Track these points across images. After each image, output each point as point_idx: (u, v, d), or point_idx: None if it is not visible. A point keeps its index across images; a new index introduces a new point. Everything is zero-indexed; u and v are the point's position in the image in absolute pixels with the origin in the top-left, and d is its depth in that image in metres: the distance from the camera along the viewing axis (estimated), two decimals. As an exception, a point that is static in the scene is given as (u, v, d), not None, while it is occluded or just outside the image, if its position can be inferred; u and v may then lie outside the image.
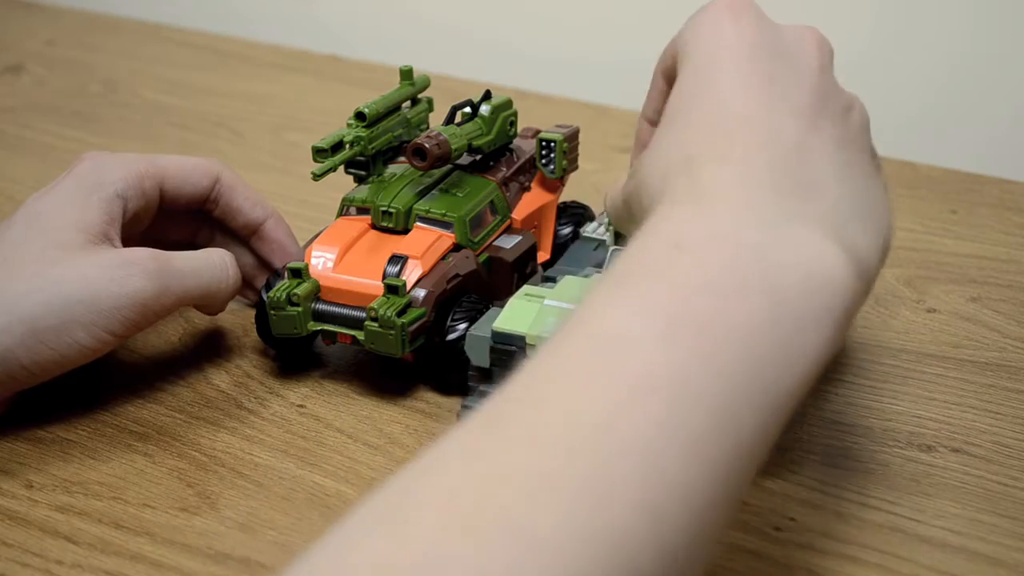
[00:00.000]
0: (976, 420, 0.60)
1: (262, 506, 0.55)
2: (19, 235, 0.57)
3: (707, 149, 0.44)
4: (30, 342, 0.55)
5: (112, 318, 0.56)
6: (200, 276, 0.60)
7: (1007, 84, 0.98)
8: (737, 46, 0.47)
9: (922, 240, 0.78)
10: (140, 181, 0.61)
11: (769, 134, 0.44)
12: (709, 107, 0.46)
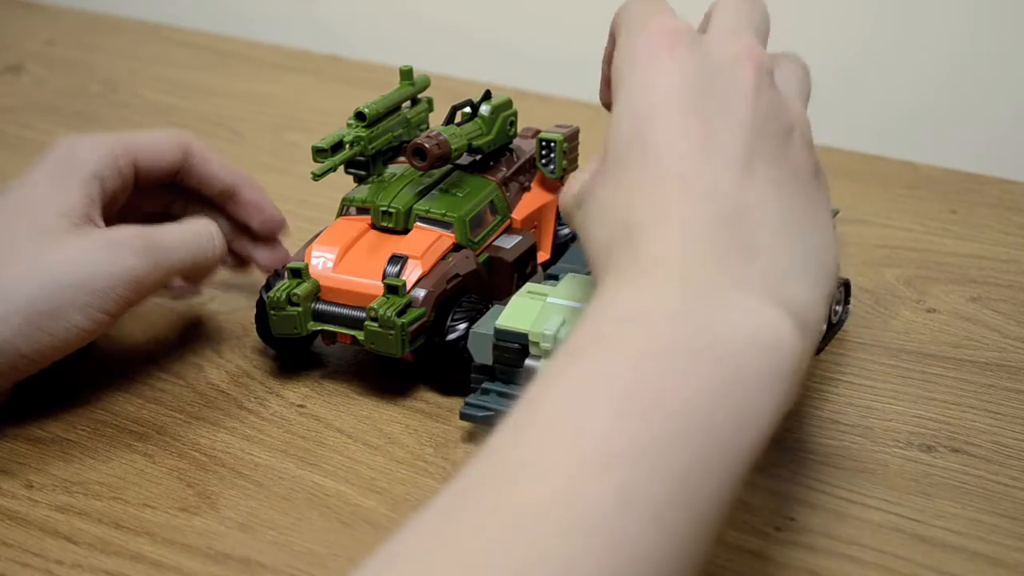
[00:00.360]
0: (976, 420, 0.60)
1: (262, 506, 0.55)
2: (3, 224, 0.58)
3: (647, 217, 0.44)
4: (28, 330, 0.55)
5: (106, 298, 0.57)
6: (188, 247, 0.61)
7: (1007, 84, 0.98)
8: (672, 90, 0.46)
9: (922, 240, 0.78)
10: (114, 161, 0.62)
11: (705, 194, 0.44)
12: (645, 165, 0.46)
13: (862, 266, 0.74)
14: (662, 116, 0.46)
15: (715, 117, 0.46)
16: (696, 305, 0.42)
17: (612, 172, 0.47)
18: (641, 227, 0.44)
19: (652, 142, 0.46)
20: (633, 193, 0.45)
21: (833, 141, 0.92)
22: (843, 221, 0.72)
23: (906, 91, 1.01)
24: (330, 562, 0.51)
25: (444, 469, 0.57)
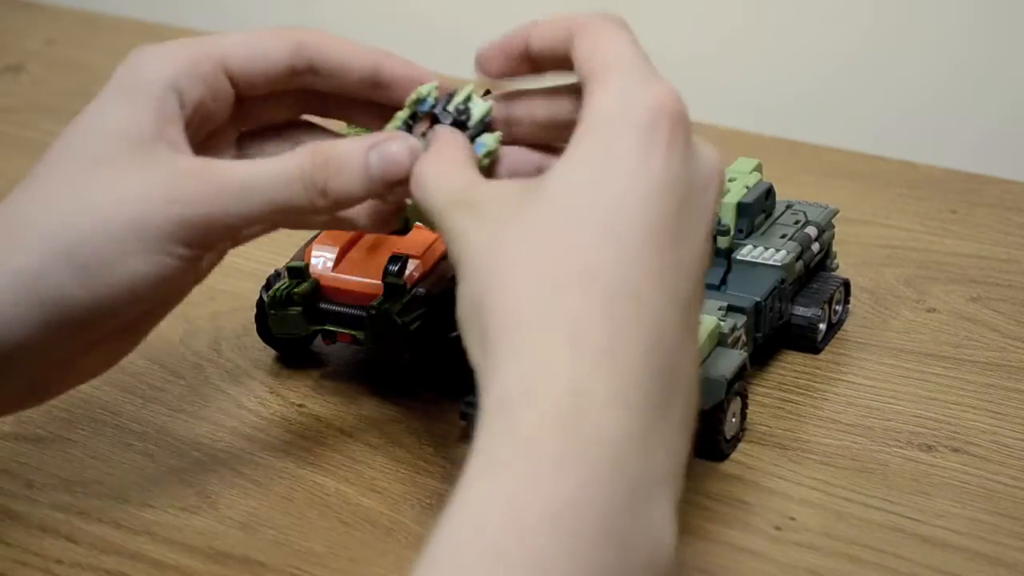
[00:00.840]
0: (976, 420, 0.60)
1: (262, 506, 0.55)
2: (54, 154, 0.50)
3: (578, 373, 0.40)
4: (82, 277, 0.47)
5: (164, 240, 0.47)
6: (265, 190, 0.48)
7: (1007, 84, 0.98)
8: (646, 216, 0.42)
9: (922, 240, 0.78)
10: (194, 66, 0.51)
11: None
12: (581, 292, 0.41)
13: (862, 266, 0.74)
14: (630, 243, 0.42)
15: (676, 260, 0.42)
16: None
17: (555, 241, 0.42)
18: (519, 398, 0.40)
19: (597, 269, 0.41)
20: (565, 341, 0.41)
21: (833, 141, 0.92)
22: (843, 221, 0.72)
23: (906, 91, 1.01)
24: (330, 561, 0.51)
25: (444, 469, 0.57)
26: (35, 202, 0.49)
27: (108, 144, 0.49)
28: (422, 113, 0.51)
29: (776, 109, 1.04)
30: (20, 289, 0.47)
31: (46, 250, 0.47)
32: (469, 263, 0.43)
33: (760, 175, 0.67)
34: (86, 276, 0.47)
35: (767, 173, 0.68)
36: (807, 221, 0.66)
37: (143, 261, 0.47)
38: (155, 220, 0.47)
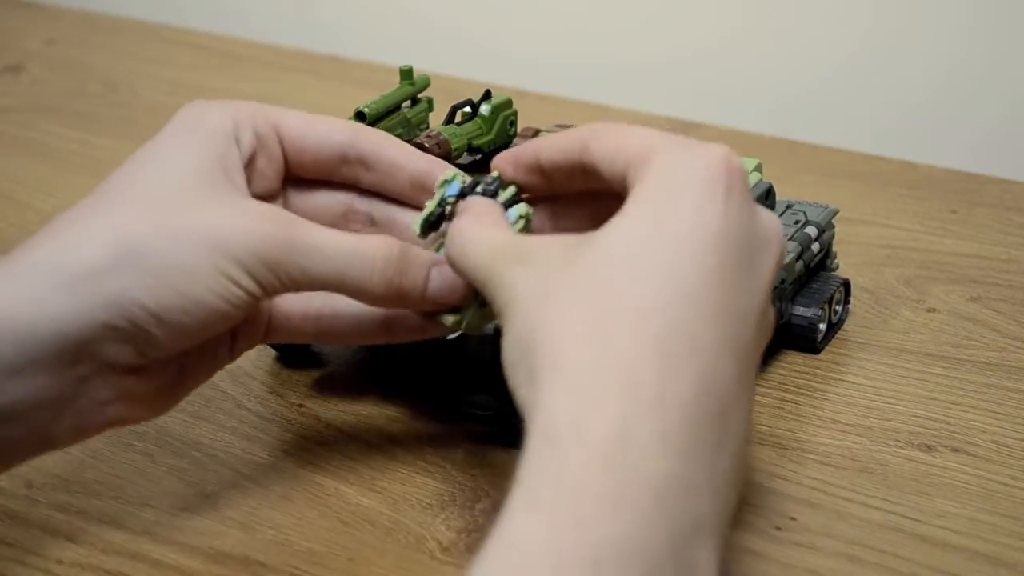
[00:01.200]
0: (976, 420, 0.60)
1: (262, 505, 0.55)
2: (123, 178, 0.50)
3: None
4: (149, 281, 0.46)
5: (237, 267, 0.48)
6: (336, 261, 0.49)
7: (1007, 84, 0.98)
8: (704, 262, 0.42)
9: (922, 240, 0.78)
10: (248, 118, 0.52)
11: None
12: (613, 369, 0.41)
13: (862, 266, 0.74)
14: (688, 302, 0.42)
15: (729, 325, 0.43)
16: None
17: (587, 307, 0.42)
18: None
19: (620, 351, 0.41)
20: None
21: (833, 141, 0.92)
22: (843, 221, 0.72)
23: (906, 91, 1.01)
24: (330, 561, 0.51)
25: (444, 468, 0.57)
26: (106, 214, 0.48)
27: (178, 178, 0.49)
28: (451, 198, 0.51)
29: (776, 109, 1.05)
30: (82, 285, 0.46)
31: (114, 249, 0.47)
32: (518, 307, 0.44)
33: (760, 175, 0.67)
34: (153, 281, 0.47)
35: (767, 173, 0.68)
36: (807, 221, 0.66)
37: (212, 279, 0.47)
38: (229, 241, 0.48)
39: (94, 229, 0.47)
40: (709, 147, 0.45)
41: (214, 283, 0.47)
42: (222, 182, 0.49)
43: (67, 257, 0.47)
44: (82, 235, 0.47)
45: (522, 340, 0.43)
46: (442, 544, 0.52)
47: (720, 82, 1.08)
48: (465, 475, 0.56)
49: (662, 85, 1.08)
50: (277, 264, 0.48)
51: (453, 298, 0.51)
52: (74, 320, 0.46)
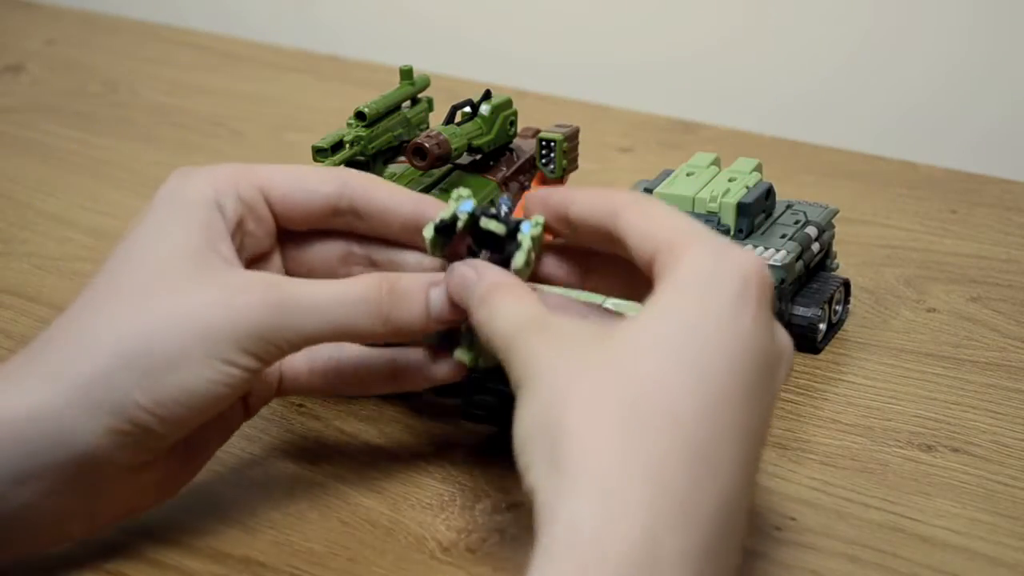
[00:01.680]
0: (976, 420, 0.60)
1: (262, 505, 0.55)
2: (114, 269, 0.50)
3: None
4: (146, 382, 0.47)
5: (229, 349, 0.48)
6: (327, 312, 0.49)
7: (1007, 84, 0.98)
8: (735, 373, 0.43)
9: (922, 240, 0.78)
10: (231, 185, 0.51)
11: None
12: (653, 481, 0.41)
13: (862, 266, 0.74)
14: (716, 423, 0.42)
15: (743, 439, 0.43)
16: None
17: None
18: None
19: (659, 463, 0.41)
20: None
21: (833, 141, 0.92)
22: (843, 221, 0.72)
23: (906, 91, 1.01)
24: (330, 562, 0.51)
25: (444, 468, 0.57)
26: (99, 315, 0.48)
27: (164, 261, 0.49)
28: (463, 213, 0.51)
29: (776, 109, 1.05)
30: (86, 397, 0.47)
31: (111, 355, 0.47)
32: (542, 383, 0.43)
33: (760, 175, 0.67)
34: (150, 381, 0.47)
35: (767, 173, 0.68)
36: (807, 221, 0.66)
37: (206, 367, 0.47)
38: (218, 326, 0.47)
39: (92, 335, 0.48)
40: (743, 255, 0.45)
41: (209, 371, 0.48)
42: (208, 256, 0.49)
43: (66, 364, 0.47)
44: (82, 341, 0.48)
45: (542, 419, 0.43)
46: (442, 544, 0.52)
47: (720, 82, 1.08)
48: (465, 475, 0.56)
49: (662, 85, 1.08)
50: (272, 333, 0.48)
51: (459, 313, 0.50)
52: (78, 427, 0.47)
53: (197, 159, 0.92)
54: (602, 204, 0.48)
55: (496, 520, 0.53)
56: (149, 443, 0.48)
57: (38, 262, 0.77)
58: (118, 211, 0.84)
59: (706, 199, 0.64)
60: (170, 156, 0.93)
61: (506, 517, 0.53)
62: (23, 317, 0.71)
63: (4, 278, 0.75)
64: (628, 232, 0.47)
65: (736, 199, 0.64)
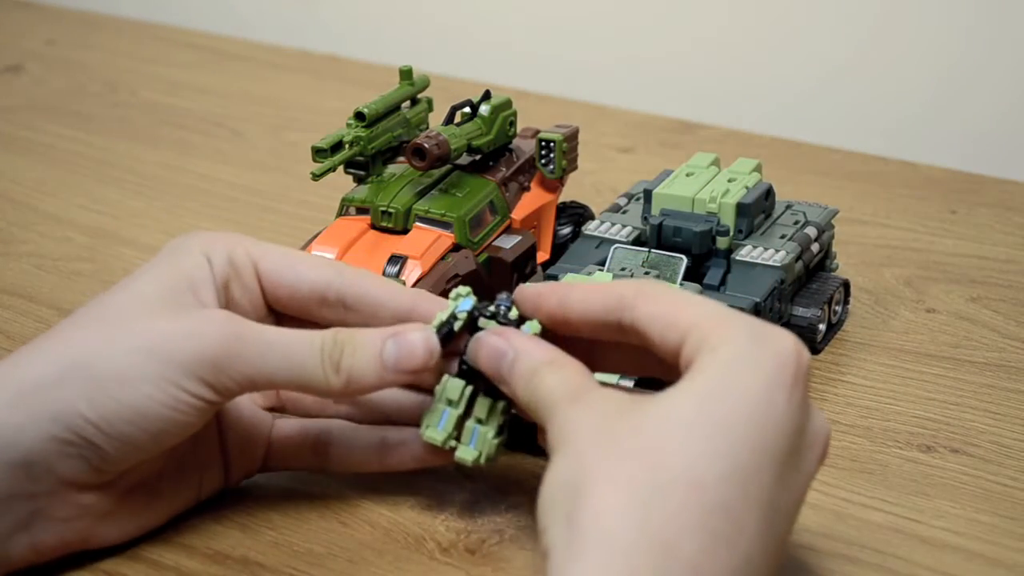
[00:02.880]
0: (975, 420, 0.60)
1: (261, 506, 0.55)
2: (90, 304, 0.50)
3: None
4: (92, 393, 0.47)
5: (181, 372, 0.48)
6: (282, 349, 0.49)
7: (1007, 84, 0.98)
8: (762, 448, 0.43)
9: (922, 240, 0.78)
10: (225, 247, 0.52)
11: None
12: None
13: (862, 266, 0.74)
14: (747, 488, 0.42)
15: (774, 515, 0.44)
16: None
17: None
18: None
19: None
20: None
21: (833, 141, 0.92)
22: (843, 221, 0.72)
23: (906, 91, 1.01)
24: (329, 562, 0.51)
25: (443, 469, 0.57)
26: (59, 334, 0.49)
27: (138, 296, 0.50)
28: (462, 312, 0.51)
29: (776, 109, 1.05)
30: (29, 402, 0.47)
31: (57, 364, 0.47)
32: (572, 447, 0.44)
33: (760, 175, 0.67)
34: (95, 393, 0.47)
35: (767, 173, 0.68)
36: (807, 221, 0.66)
37: (156, 388, 0.47)
38: (171, 348, 0.48)
39: (45, 348, 0.48)
40: (781, 337, 0.45)
41: (157, 391, 0.47)
42: (183, 296, 0.50)
43: (16, 372, 0.47)
44: (33, 353, 0.48)
45: (565, 484, 0.43)
46: (441, 545, 0.52)
47: (720, 82, 1.08)
48: (464, 476, 0.56)
49: (662, 85, 1.08)
50: (226, 362, 0.48)
51: (414, 363, 0.50)
52: (20, 434, 0.47)
53: (197, 159, 0.92)
54: (605, 300, 0.49)
55: (495, 521, 0.53)
56: (95, 461, 0.48)
57: (38, 262, 0.77)
58: (118, 211, 0.84)
59: (706, 199, 0.64)
60: (170, 156, 0.93)
61: (505, 518, 0.53)
62: (23, 317, 0.71)
63: (4, 278, 0.75)
64: (647, 323, 0.47)
65: (735, 199, 0.64)
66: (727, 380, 0.44)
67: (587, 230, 0.66)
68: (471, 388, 0.51)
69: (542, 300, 0.51)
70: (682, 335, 0.46)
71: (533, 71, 1.08)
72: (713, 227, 0.63)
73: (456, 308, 0.51)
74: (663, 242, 0.63)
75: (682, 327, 0.46)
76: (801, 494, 0.45)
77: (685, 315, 0.46)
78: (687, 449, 0.42)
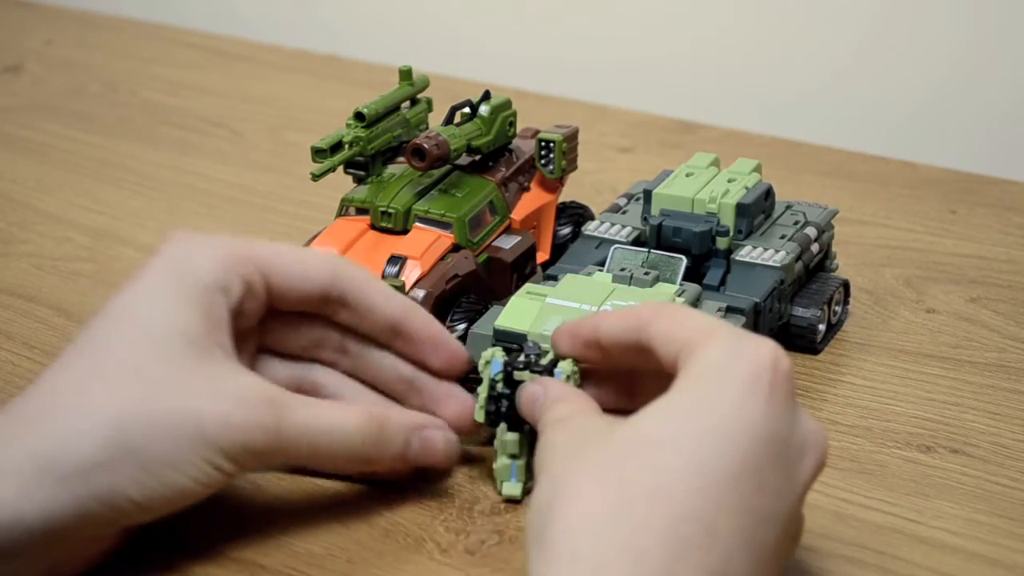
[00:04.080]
0: (975, 421, 0.60)
1: (261, 506, 0.55)
2: (108, 334, 0.49)
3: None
4: (140, 476, 0.47)
5: (224, 458, 0.48)
6: (316, 444, 0.51)
7: (1007, 84, 0.98)
8: (734, 456, 0.43)
9: (922, 240, 0.78)
10: (238, 265, 0.52)
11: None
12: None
13: (862, 266, 0.74)
14: (719, 489, 0.43)
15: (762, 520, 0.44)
16: None
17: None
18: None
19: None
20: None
21: (833, 141, 0.92)
22: (843, 221, 0.72)
23: (906, 91, 1.01)
24: (329, 563, 0.51)
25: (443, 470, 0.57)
26: (92, 395, 0.48)
27: (163, 343, 0.49)
28: (497, 375, 0.53)
29: (776, 109, 1.05)
30: (74, 481, 0.46)
31: (106, 443, 0.47)
32: (548, 470, 0.45)
33: (760, 175, 0.67)
34: (146, 476, 0.47)
35: (767, 173, 0.68)
36: (806, 222, 0.66)
37: (196, 470, 0.48)
38: (215, 436, 0.48)
39: (86, 419, 0.47)
40: (759, 343, 0.45)
41: (199, 473, 0.48)
42: (208, 347, 0.50)
43: (61, 450, 0.47)
44: (75, 424, 0.47)
45: (543, 503, 0.44)
46: (440, 546, 0.52)
47: (720, 82, 1.08)
48: (463, 477, 0.56)
49: (662, 85, 1.08)
50: (262, 452, 0.49)
51: (433, 460, 0.54)
52: (62, 512, 0.47)
53: (197, 159, 0.92)
54: (629, 321, 0.50)
55: (495, 521, 0.53)
56: (121, 525, 0.49)
57: (37, 262, 0.77)
58: (118, 211, 0.84)
59: (705, 200, 0.64)
60: (170, 156, 0.93)
61: (505, 518, 0.53)
62: (22, 317, 0.71)
63: (3, 278, 0.75)
64: (655, 339, 0.48)
65: (735, 200, 0.64)
66: (700, 393, 0.44)
67: (587, 230, 0.66)
68: (527, 436, 0.53)
69: (579, 329, 0.52)
70: (678, 349, 0.47)
71: (533, 71, 1.08)
72: (713, 227, 0.63)
73: (491, 376, 0.53)
74: (663, 242, 0.63)
75: (679, 341, 0.47)
76: (793, 500, 0.45)
77: (682, 331, 0.47)
78: (655, 463, 0.43)
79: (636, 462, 0.43)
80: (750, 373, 0.44)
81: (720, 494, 0.42)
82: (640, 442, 0.44)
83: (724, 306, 0.59)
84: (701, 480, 0.42)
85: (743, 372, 0.44)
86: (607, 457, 0.44)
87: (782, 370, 0.45)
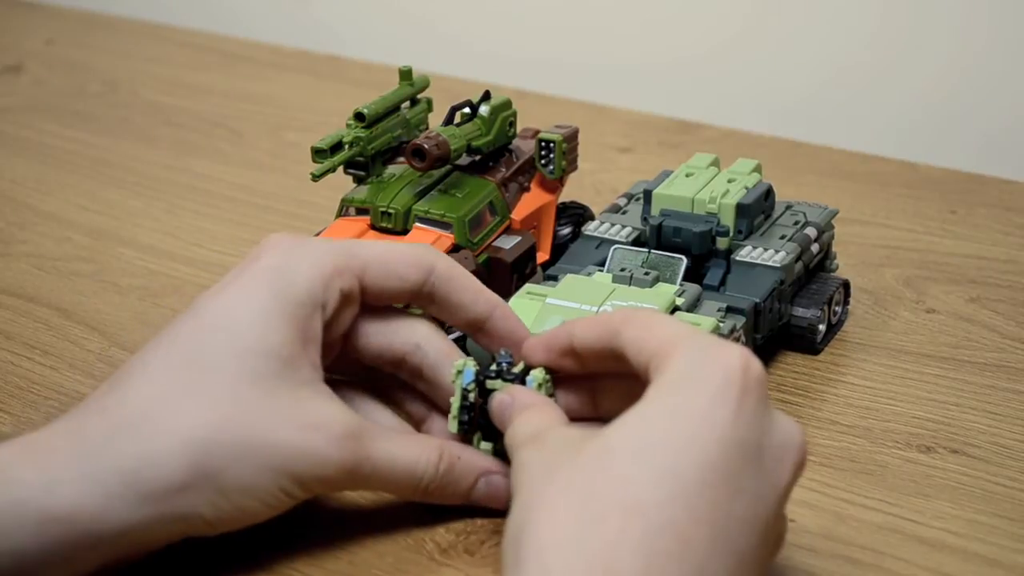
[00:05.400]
0: (975, 421, 0.60)
1: (261, 507, 0.55)
2: (203, 346, 0.49)
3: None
4: (216, 498, 0.48)
5: (294, 484, 0.49)
6: (387, 481, 0.51)
7: (1007, 84, 0.98)
8: (706, 464, 0.43)
9: (922, 240, 0.78)
10: (338, 276, 0.51)
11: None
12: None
13: (862, 266, 0.74)
14: (689, 496, 0.42)
15: (732, 528, 0.43)
16: None
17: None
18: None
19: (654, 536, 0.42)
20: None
21: (833, 141, 0.92)
22: (843, 221, 0.72)
23: (906, 91, 1.01)
24: (329, 563, 0.51)
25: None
26: (178, 413, 0.48)
27: (261, 361, 0.49)
28: (470, 385, 0.53)
29: (776, 109, 1.05)
30: (154, 500, 0.47)
31: (188, 467, 0.47)
32: (521, 491, 0.45)
33: (760, 175, 0.67)
34: (221, 500, 0.48)
35: (767, 173, 0.68)
36: (806, 222, 0.66)
37: (269, 495, 0.49)
38: (291, 466, 0.49)
39: (174, 439, 0.47)
40: (728, 349, 0.45)
41: (271, 498, 0.49)
42: (300, 366, 0.50)
43: (147, 468, 0.47)
44: (164, 444, 0.47)
45: (517, 523, 0.44)
46: (440, 546, 0.52)
47: (720, 82, 1.08)
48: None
49: (662, 85, 1.08)
50: (334, 483, 0.50)
51: (495, 504, 0.53)
52: (138, 525, 0.47)
53: (197, 159, 0.92)
54: (602, 328, 0.49)
55: (495, 522, 0.53)
56: (179, 537, 0.49)
57: (37, 262, 0.77)
58: (117, 211, 0.84)
59: (705, 200, 0.64)
60: (169, 156, 0.93)
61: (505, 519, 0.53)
62: (22, 317, 0.71)
63: (3, 278, 0.75)
64: (627, 347, 0.48)
65: (735, 200, 0.64)
66: (669, 402, 0.44)
67: (587, 230, 0.66)
68: (502, 446, 0.52)
69: (553, 340, 0.52)
70: (649, 357, 0.47)
71: (533, 71, 1.08)
72: (713, 227, 0.63)
73: (463, 386, 0.52)
74: (663, 242, 0.63)
75: (650, 349, 0.47)
76: (771, 503, 0.45)
77: (654, 336, 0.47)
78: (624, 476, 0.42)
79: (606, 476, 0.43)
80: (719, 380, 0.44)
81: (693, 503, 0.42)
82: (610, 455, 0.43)
83: (724, 306, 0.59)
84: (672, 490, 0.42)
85: (712, 379, 0.44)
86: (577, 473, 0.43)
87: (752, 375, 0.45)
